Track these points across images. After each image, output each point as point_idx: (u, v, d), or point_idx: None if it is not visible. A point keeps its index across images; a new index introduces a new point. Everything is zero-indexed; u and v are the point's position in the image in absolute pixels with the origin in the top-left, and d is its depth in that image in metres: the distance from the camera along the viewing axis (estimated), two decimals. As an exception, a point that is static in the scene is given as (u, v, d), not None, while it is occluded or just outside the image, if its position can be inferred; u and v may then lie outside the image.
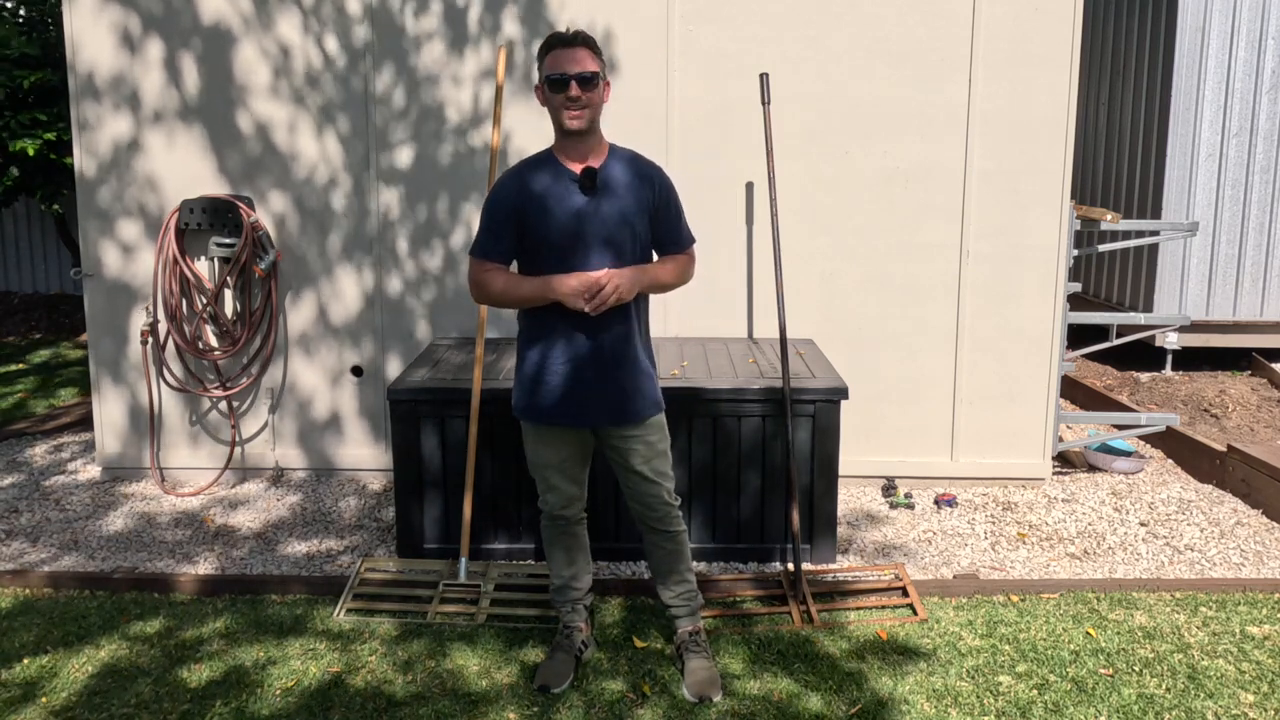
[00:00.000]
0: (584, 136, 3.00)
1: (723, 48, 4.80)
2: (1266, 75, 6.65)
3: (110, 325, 5.08)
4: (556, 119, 2.99)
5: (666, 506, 3.24)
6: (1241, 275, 6.89)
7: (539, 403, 3.12)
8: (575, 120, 2.95)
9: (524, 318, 3.16)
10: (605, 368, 3.06)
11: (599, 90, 2.98)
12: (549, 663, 3.27)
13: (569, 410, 3.10)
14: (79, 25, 4.86)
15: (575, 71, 2.91)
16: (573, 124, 2.95)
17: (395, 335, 5.06)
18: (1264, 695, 3.17)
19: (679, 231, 3.19)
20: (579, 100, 2.93)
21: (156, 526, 4.59)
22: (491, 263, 3.09)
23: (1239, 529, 4.52)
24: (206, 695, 3.17)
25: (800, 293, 4.93)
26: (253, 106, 4.90)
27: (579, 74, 2.91)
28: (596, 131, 3.04)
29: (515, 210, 3.04)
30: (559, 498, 3.26)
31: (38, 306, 9.84)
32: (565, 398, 3.08)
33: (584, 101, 2.94)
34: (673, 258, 3.19)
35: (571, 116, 2.95)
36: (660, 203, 3.10)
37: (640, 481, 3.19)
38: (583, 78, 2.92)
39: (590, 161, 3.03)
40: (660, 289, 3.17)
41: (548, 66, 2.96)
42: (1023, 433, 5.01)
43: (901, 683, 3.23)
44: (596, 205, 3.01)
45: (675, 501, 3.26)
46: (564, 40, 2.96)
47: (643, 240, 3.09)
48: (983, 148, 4.81)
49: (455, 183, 4.94)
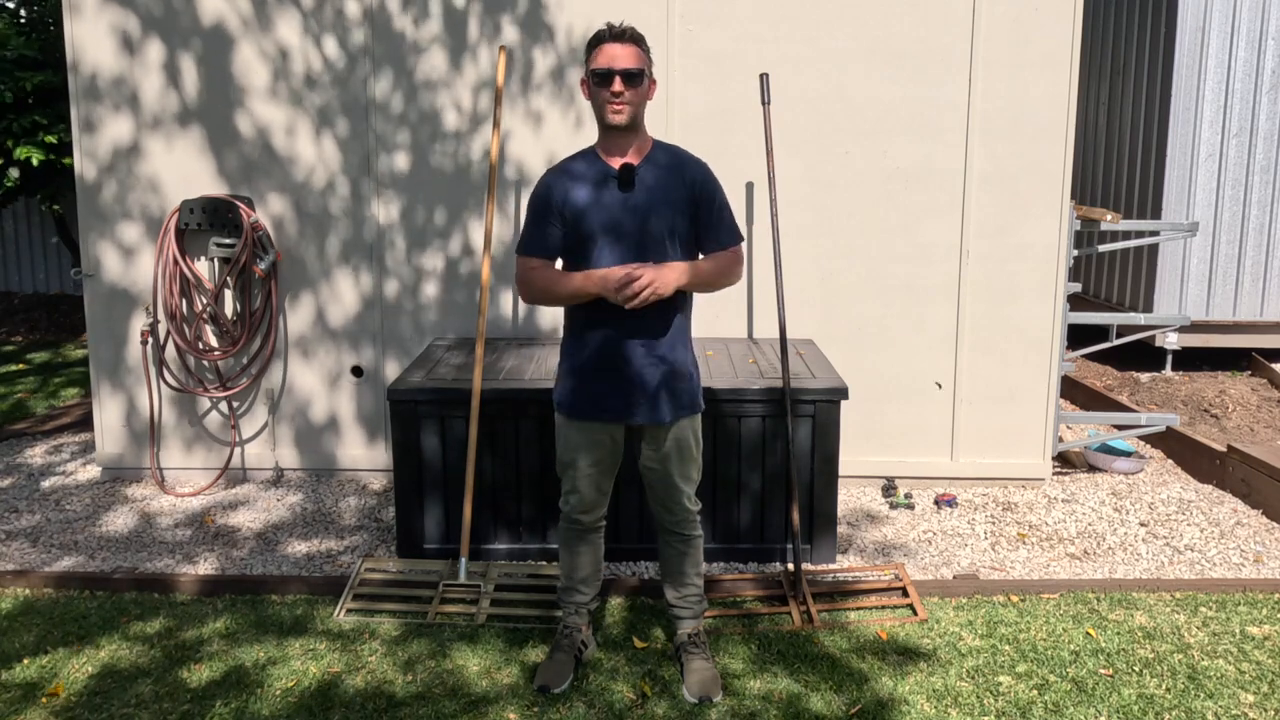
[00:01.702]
0: (625, 132, 3.01)
1: (723, 48, 4.80)
2: (1266, 75, 6.65)
3: (110, 325, 5.08)
4: (599, 113, 2.99)
5: (686, 511, 3.24)
6: (1241, 275, 6.89)
7: (576, 397, 3.12)
8: (617, 115, 2.95)
9: (568, 313, 3.15)
10: (642, 365, 3.05)
11: (643, 87, 2.97)
12: (549, 663, 3.27)
13: (604, 406, 3.09)
14: (79, 27, 4.86)
15: (621, 67, 2.92)
16: (615, 119, 2.96)
17: (395, 335, 5.06)
18: (1264, 695, 3.17)
19: (720, 229, 3.11)
20: (622, 95, 2.93)
21: (156, 527, 4.59)
22: (536, 259, 3.09)
23: (1239, 529, 4.52)
24: (206, 695, 3.17)
25: (800, 293, 4.93)
26: (252, 108, 4.90)
27: (624, 70, 2.91)
28: (639, 128, 3.04)
29: (556, 206, 3.05)
30: (580, 501, 3.25)
31: (38, 306, 9.85)
32: (602, 394, 3.08)
33: (627, 97, 2.94)
34: (715, 256, 3.11)
35: (614, 111, 2.95)
36: (702, 199, 3.07)
37: (666, 483, 3.19)
38: (628, 74, 2.92)
39: (630, 157, 3.03)
40: (704, 288, 3.10)
41: (594, 60, 2.96)
42: (1023, 433, 5.01)
43: (901, 683, 3.23)
44: (636, 201, 3.01)
45: (696, 506, 3.26)
46: (614, 35, 2.96)
47: (683, 237, 3.06)
48: (983, 148, 4.81)
49: (454, 183, 4.94)
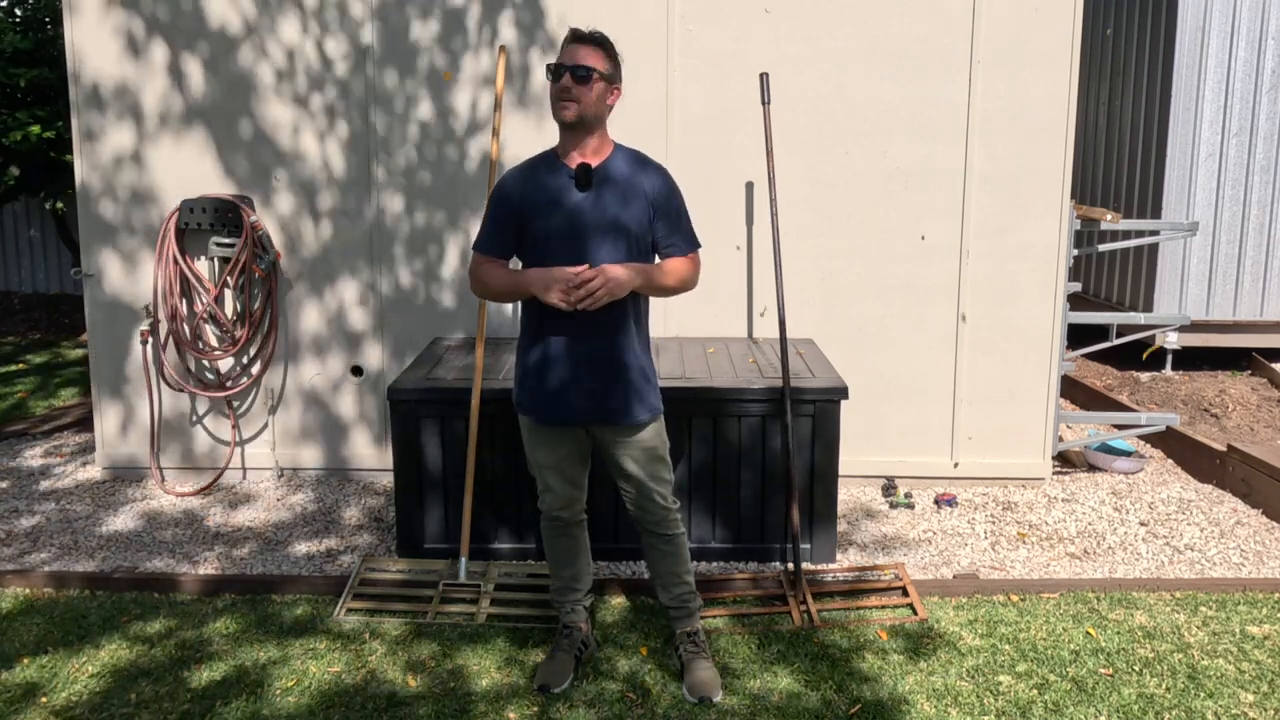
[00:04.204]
0: (579, 132, 3.02)
1: (723, 48, 4.80)
2: (1266, 75, 6.65)
3: (110, 325, 5.08)
4: (552, 109, 3.02)
5: (663, 510, 3.23)
6: (1241, 275, 6.90)
7: (532, 400, 3.13)
8: (564, 111, 2.98)
9: (523, 315, 3.16)
10: (598, 368, 3.05)
11: (592, 87, 2.98)
12: (549, 663, 3.27)
13: (560, 409, 3.09)
14: (80, 26, 4.86)
15: (571, 64, 2.95)
16: (562, 114, 2.99)
17: (395, 335, 5.06)
18: (1264, 695, 3.17)
19: (678, 234, 3.12)
20: (570, 92, 2.95)
21: (157, 526, 4.59)
22: (489, 257, 3.12)
23: (1239, 529, 4.52)
24: (207, 695, 3.17)
25: (800, 293, 4.93)
26: (254, 108, 4.90)
27: (574, 66, 2.95)
28: (595, 129, 3.04)
29: (514, 206, 3.08)
30: (555, 498, 3.25)
31: (38, 306, 9.84)
32: (557, 396, 3.08)
33: (574, 94, 2.96)
34: (672, 260, 3.12)
35: (561, 106, 2.98)
36: (660, 202, 3.08)
37: (635, 485, 3.19)
38: (577, 71, 2.95)
39: (588, 159, 3.04)
40: (658, 292, 3.10)
41: (557, 57, 3.01)
42: (1023, 432, 5.01)
43: (901, 682, 3.23)
44: (592, 203, 3.02)
45: (673, 505, 3.25)
46: (576, 36, 3.01)
47: (640, 240, 3.07)
48: (983, 147, 4.81)
49: (455, 184, 4.94)
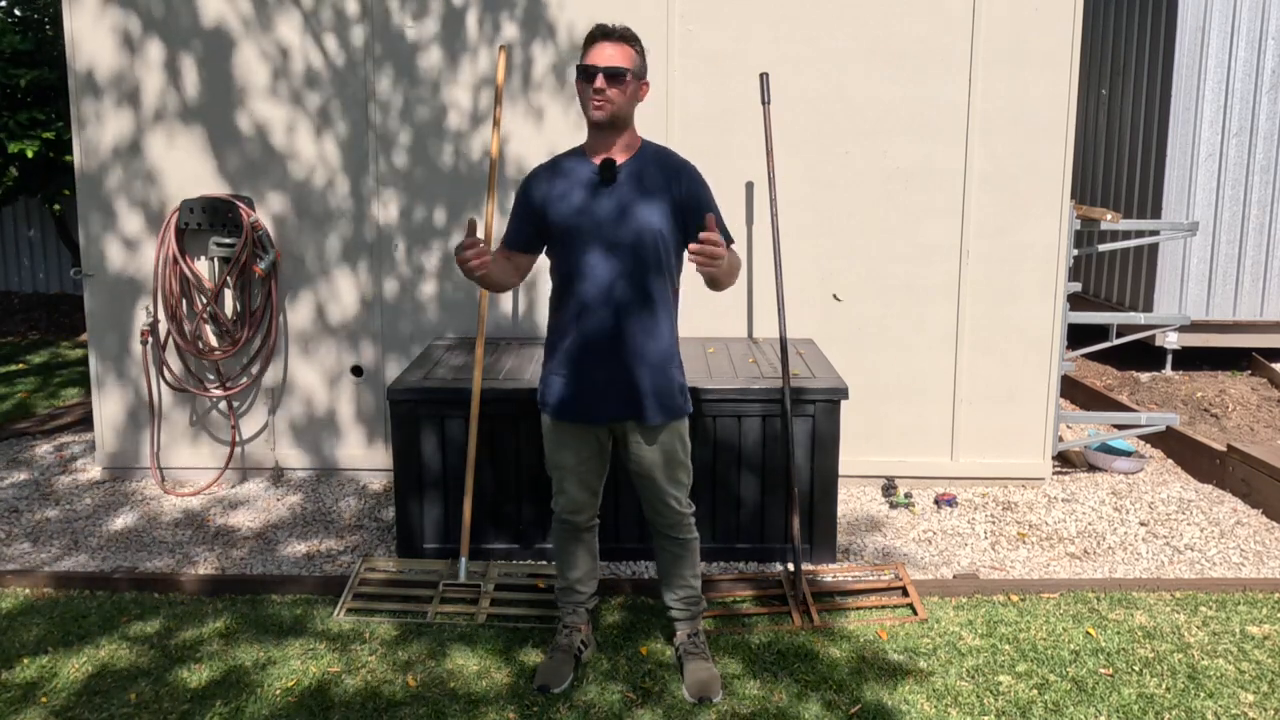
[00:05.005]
0: (608, 130, 3.03)
1: (723, 48, 4.79)
2: (1266, 75, 6.65)
3: (110, 325, 5.08)
4: (584, 109, 3.03)
5: (678, 514, 3.22)
6: (1241, 275, 6.89)
7: (559, 397, 3.13)
8: (598, 111, 2.98)
9: (552, 312, 3.17)
10: (626, 366, 3.05)
11: (625, 87, 2.98)
12: (548, 663, 3.26)
13: (587, 408, 3.09)
14: (79, 26, 4.86)
15: (604, 64, 2.95)
16: (595, 114, 2.99)
17: (395, 335, 5.06)
18: (1264, 695, 3.17)
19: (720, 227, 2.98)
20: (604, 92, 2.96)
21: (157, 526, 4.59)
22: (504, 250, 3.16)
23: (1239, 529, 4.52)
24: (206, 695, 3.17)
25: (800, 293, 4.93)
26: (252, 107, 4.90)
27: (606, 68, 2.95)
28: (625, 128, 3.06)
29: (538, 201, 3.10)
30: (569, 501, 3.25)
31: (38, 306, 9.84)
32: (581, 394, 3.08)
33: (609, 95, 2.96)
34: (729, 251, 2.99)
35: (595, 107, 2.98)
36: (688, 198, 3.06)
37: (652, 486, 3.18)
38: (610, 72, 2.95)
39: (615, 155, 3.05)
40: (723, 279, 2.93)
41: (584, 57, 3.00)
42: (1023, 432, 5.01)
43: (901, 683, 3.23)
44: (617, 198, 3.02)
45: (688, 509, 3.25)
46: (605, 33, 3.01)
47: (665, 237, 3.04)
48: (983, 147, 4.81)
49: (455, 182, 4.93)
